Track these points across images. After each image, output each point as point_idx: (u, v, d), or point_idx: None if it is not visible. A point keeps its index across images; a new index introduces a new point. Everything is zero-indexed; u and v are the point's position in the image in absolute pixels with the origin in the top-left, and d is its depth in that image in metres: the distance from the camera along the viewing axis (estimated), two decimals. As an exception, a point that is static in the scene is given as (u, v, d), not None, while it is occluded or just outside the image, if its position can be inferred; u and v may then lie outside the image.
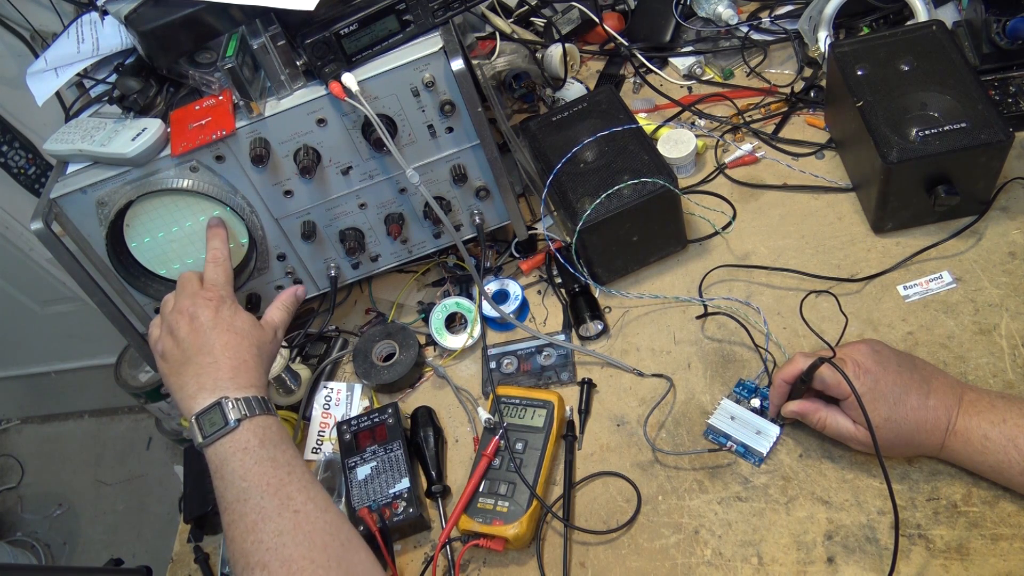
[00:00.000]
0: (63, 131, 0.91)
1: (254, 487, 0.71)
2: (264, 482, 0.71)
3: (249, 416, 0.75)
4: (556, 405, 0.89)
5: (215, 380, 0.76)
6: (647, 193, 0.91)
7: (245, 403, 0.75)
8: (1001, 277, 0.87)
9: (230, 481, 0.72)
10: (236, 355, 0.79)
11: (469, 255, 0.98)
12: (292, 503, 0.71)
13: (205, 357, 0.78)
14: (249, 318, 0.83)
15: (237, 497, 0.71)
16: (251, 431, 0.74)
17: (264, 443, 0.74)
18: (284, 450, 0.75)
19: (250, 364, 0.79)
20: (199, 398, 0.76)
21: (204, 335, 0.79)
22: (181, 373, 0.79)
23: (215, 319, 0.80)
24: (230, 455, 0.73)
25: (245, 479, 0.72)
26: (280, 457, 0.74)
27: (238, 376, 0.77)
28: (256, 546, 0.69)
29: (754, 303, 0.93)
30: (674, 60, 1.22)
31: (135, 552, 2.22)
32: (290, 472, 0.73)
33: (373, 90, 0.86)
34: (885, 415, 0.71)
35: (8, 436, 2.64)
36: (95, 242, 0.91)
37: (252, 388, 0.77)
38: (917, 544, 0.73)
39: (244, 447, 0.73)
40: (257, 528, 0.69)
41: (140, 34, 0.84)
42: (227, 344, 0.79)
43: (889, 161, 0.85)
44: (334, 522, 0.72)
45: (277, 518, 0.70)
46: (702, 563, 0.77)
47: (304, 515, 0.70)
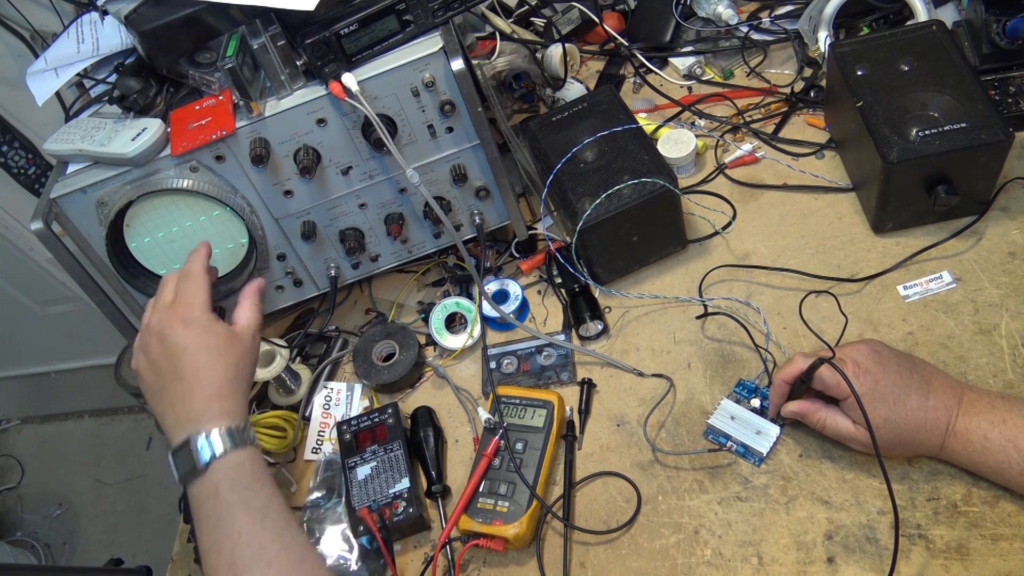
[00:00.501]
0: (63, 131, 0.91)
1: (225, 537, 0.68)
2: (235, 531, 0.67)
3: (220, 456, 0.70)
4: (556, 405, 0.89)
5: (187, 412, 0.73)
6: (647, 193, 0.91)
7: (217, 439, 0.71)
8: (1001, 277, 0.87)
9: (204, 527, 0.69)
10: (209, 380, 0.74)
11: (469, 255, 0.98)
12: (265, 553, 0.67)
13: (178, 385, 0.74)
14: (224, 332, 0.77)
15: (211, 546, 0.68)
16: (222, 473, 0.70)
17: (235, 486, 0.69)
18: (258, 491, 0.70)
19: (224, 389, 0.74)
20: (175, 432, 0.73)
21: (175, 359, 0.74)
22: (159, 401, 0.76)
23: (185, 339, 0.75)
24: (203, 499, 0.70)
25: (217, 526, 0.68)
26: (253, 501, 0.69)
27: (211, 405, 0.73)
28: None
29: (754, 303, 0.93)
30: (674, 60, 1.22)
31: (135, 552, 2.22)
32: (263, 518, 0.69)
33: (373, 90, 0.86)
34: (885, 415, 0.71)
35: (8, 436, 2.64)
36: (95, 242, 0.91)
37: (226, 417, 0.72)
38: (917, 544, 0.73)
39: (215, 491, 0.69)
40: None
41: (140, 34, 0.84)
42: (199, 368, 0.74)
43: (889, 161, 0.85)
44: (310, 570, 0.68)
45: (250, 571, 0.66)
46: (702, 563, 0.77)
47: (277, 568, 0.66)
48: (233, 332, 0.79)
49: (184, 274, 0.80)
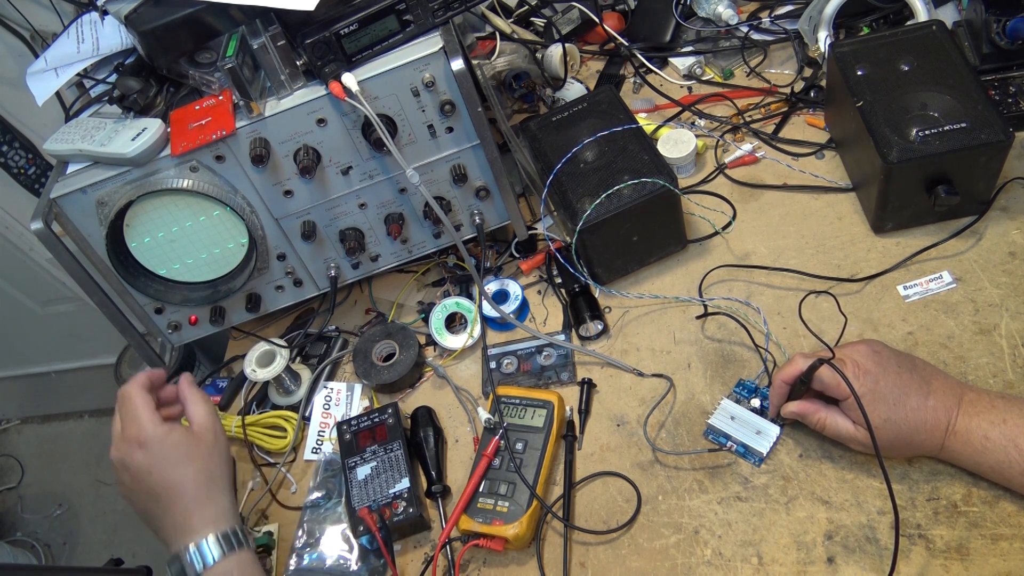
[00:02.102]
0: (63, 131, 0.91)
1: None
2: None
3: (211, 566, 0.71)
4: (556, 405, 0.89)
5: (174, 526, 0.73)
6: (647, 193, 0.91)
7: (207, 548, 0.71)
8: (1001, 277, 0.87)
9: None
10: (183, 492, 0.73)
11: (469, 255, 0.98)
12: None
13: (155, 505, 0.74)
14: (182, 439, 0.76)
15: None
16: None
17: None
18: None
19: (201, 495, 0.74)
20: (170, 545, 0.74)
21: (145, 481, 0.74)
22: (148, 521, 0.76)
23: (146, 461, 0.74)
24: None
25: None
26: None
27: (193, 516, 0.73)
28: None
29: (754, 303, 0.93)
30: (674, 60, 1.22)
31: (135, 552, 2.22)
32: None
33: (373, 90, 0.86)
34: (885, 416, 0.71)
35: (8, 436, 2.64)
36: (95, 242, 0.91)
37: (210, 525, 0.73)
38: (917, 544, 0.73)
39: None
40: None
41: (140, 34, 0.84)
42: (169, 483, 0.73)
43: (889, 161, 0.85)
44: None
45: None
46: (702, 563, 0.77)
47: None
48: (192, 433, 0.77)
49: (121, 400, 0.78)
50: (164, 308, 0.99)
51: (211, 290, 0.98)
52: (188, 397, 0.81)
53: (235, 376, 1.09)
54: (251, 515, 0.95)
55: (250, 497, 0.97)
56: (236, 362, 1.11)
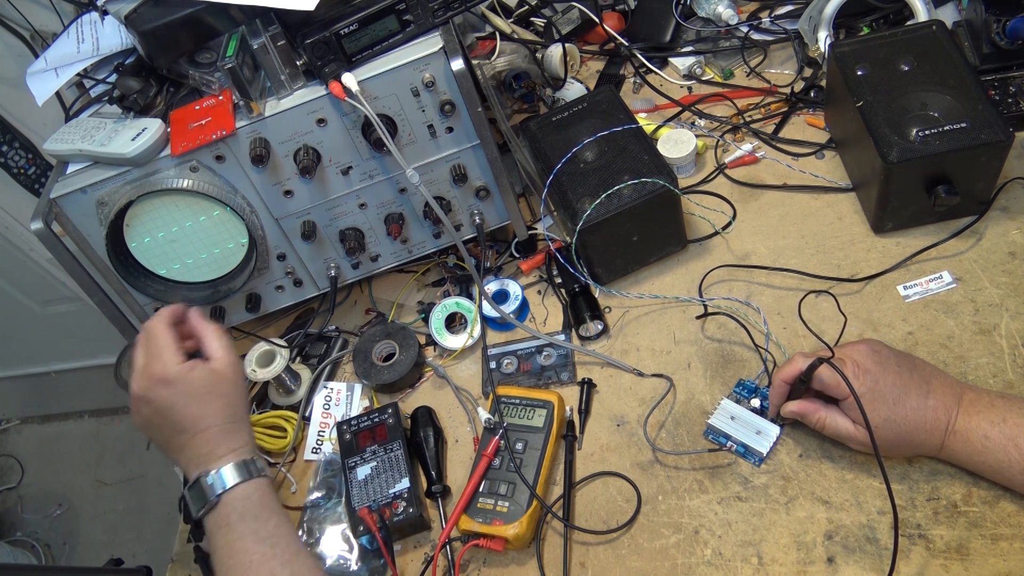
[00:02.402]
0: (63, 131, 0.91)
1: (237, 566, 0.70)
2: (247, 560, 0.70)
3: (229, 488, 0.73)
4: (556, 405, 0.89)
5: (196, 455, 0.75)
6: (647, 193, 0.91)
7: (227, 473, 0.73)
8: (1001, 277, 0.87)
9: (218, 557, 0.72)
10: (208, 425, 0.76)
11: (469, 255, 0.98)
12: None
13: (179, 436, 0.76)
14: (206, 375, 0.77)
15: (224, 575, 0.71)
16: (231, 505, 0.72)
17: (244, 516, 0.72)
18: (266, 520, 0.73)
19: (224, 427, 0.76)
20: (188, 471, 0.76)
21: (168, 416, 0.76)
22: (168, 451, 0.78)
23: (170, 398, 0.75)
24: (215, 531, 0.73)
25: (230, 556, 0.71)
26: (262, 530, 0.72)
27: (216, 447, 0.75)
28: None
29: (754, 303, 0.93)
30: (674, 60, 1.22)
31: (135, 552, 2.22)
32: (273, 545, 0.71)
33: (373, 90, 0.86)
34: (884, 415, 0.71)
35: (8, 436, 2.64)
36: (95, 242, 0.91)
37: (232, 453, 0.75)
38: (917, 544, 0.73)
39: (226, 523, 0.72)
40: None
41: (140, 34, 0.84)
42: (194, 418, 0.76)
43: (889, 161, 0.85)
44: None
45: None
46: (702, 563, 0.77)
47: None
48: (214, 371, 0.78)
49: (145, 335, 0.79)
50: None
51: (211, 290, 0.98)
52: (204, 333, 0.82)
53: (235, 376, 1.09)
54: (251, 515, 0.95)
55: (250, 497, 0.97)
56: (236, 362, 1.11)
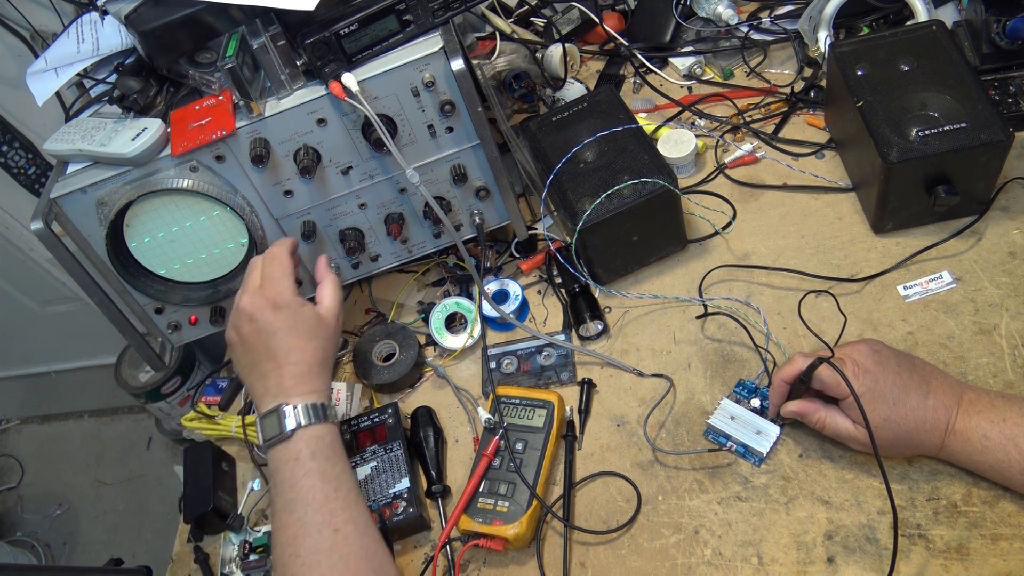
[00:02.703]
0: (63, 131, 0.91)
1: (300, 499, 0.73)
2: (310, 496, 0.73)
3: (304, 426, 0.76)
4: (556, 405, 0.89)
5: (278, 386, 0.78)
6: (647, 193, 0.91)
7: (303, 411, 0.76)
8: (1001, 277, 0.87)
9: (280, 489, 0.74)
10: (299, 361, 0.79)
11: (469, 255, 0.98)
12: (334, 521, 0.72)
13: (269, 363, 0.79)
14: (312, 315, 0.82)
15: (284, 506, 0.73)
16: (304, 441, 0.75)
17: (315, 455, 0.75)
18: (334, 463, 0.76)
19: (314, 370, 0.80)
20: (264, 401, 0.78)
21: (266, 339, 0.79)
22: (249, 374, 0.81)
23: (276, 323, 0.79)
24: (282, 463, 0.75)
25: (293, 489, 0.73)
26: (329, 471, 0.75)
27: (300, 383, 0.78)
28: (292, 559, 0.70)
29: (754, 303, 0.93)
30: (674, 60, 1.22)
31: (135, 552, 2.22)
32: (337, 488, 0.74)
33: (373, 90, 0.86)
34: (884, 415, 0.71)
35: (8, 436, 2.64)
36: (95, 242, 0.91)
37: (313, 395, 0.78)
38: (917, 544, 0.73)
39: (296, 457, 0.75)
40: (297, 541, 0.71)
41: (140, 34, 0.84)
42: (290, 349, 0.79)
43: (889, 161, 0.85)
44: (370, 547, 0.73)
45: (316, 535, 0.71)
46: (702, 563, 0.77)
47: (343, 536, 0.71)
48: (320, 315, 0.83)
49: (270, 258, 0.84)
50: (164, 308, 0.99)
51: (211, 290, 0.98)
52: (324, 278, 0.88)
53: (235, 376, 1.09)
54: (251, 515, 0.95)
55: (250, 497, 0.97)
56: (236, 362, 1.11)
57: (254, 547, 0.91)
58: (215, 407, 1.04)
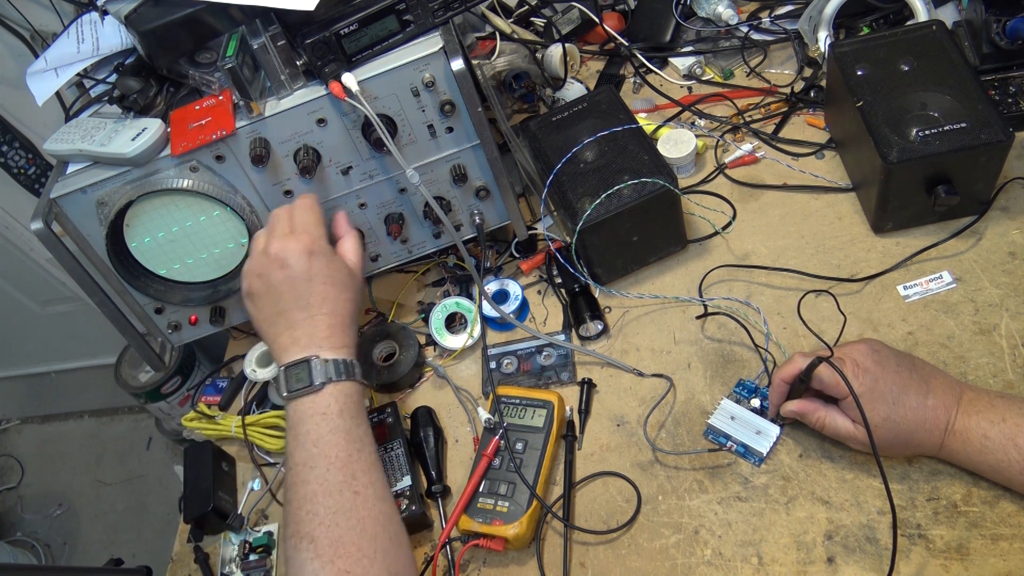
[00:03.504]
0: (63, 131, 0.91)
1: (322, 456, 0.71)
2: (333, 454, 0.71)
3: (335, 380, 0.74)
4: (556, 405, 0.89)
5: (309, 337, 0.76)
6: (647, 193, 0.91)
7: (334, 366, 0.75)
8: (1001, 277, 0.87)
9: (302, 442, 0.72)
10: (334, 311, 0.77)
11: (469, 255, 0.98)
12: (355, 483, 0.71)
13: (300, 312, 0.77)
14: (344, 266, 0.80)
15: (304, 461, 0.72)
16: (333, 396, 0.74)
17: (343, 412, 0.74)
18: (359, 423, 0.75)
19: (346, 322, 0.78)
20: (290, 351, 0.76)
21: (299, 286, 0.76)
22: (274, 323, 0.78)
23: (312, 269, 0.77)
24: (307, 416, 0.73)
25: (316, 445, 0.72)
26: (355, 431, 0.74)
27: (333, 336, 0.76)
28: (310, 517, 0.69)
29: (754, 303, 0.93)
30: (674, 60, 1.22)
31: (135, 552, 2.22)
32: (360, 449, 0.73)
33: (373, 90, 0.86)
34: (884, 415, 0.71)
35: (8, 436, 2.64)
36: (95, 242, 0.91)
37: (344, 349, 0.77)
38: (917, 544, 0.73)
39: (323, 412, 0.73)
40: (316, 499, 0.70)
41: (140, 34, 0.84)
42: (325, 298, 0.77)
43: (889, 161, 0.85)
44: (387, 513, 0.72)
45: (337, 495, 0.70)
46: (702, 563, 0.78)
47: (363, 499, 0.70)
48: (351, 269, 0.81)
49: (302, 207, 0.82)
50: (164, 308, 0.99)
51: (211, 290, 0.98)
52: (346, 233, 0.85)
53: (235, 376, 1.09)
54: (251, 515, 0.95)
55: (250, 497, 0.97)
56: (236, 362, 1.11)
57: (254, 547, 0.91)
58: (215, 407, 1.05)
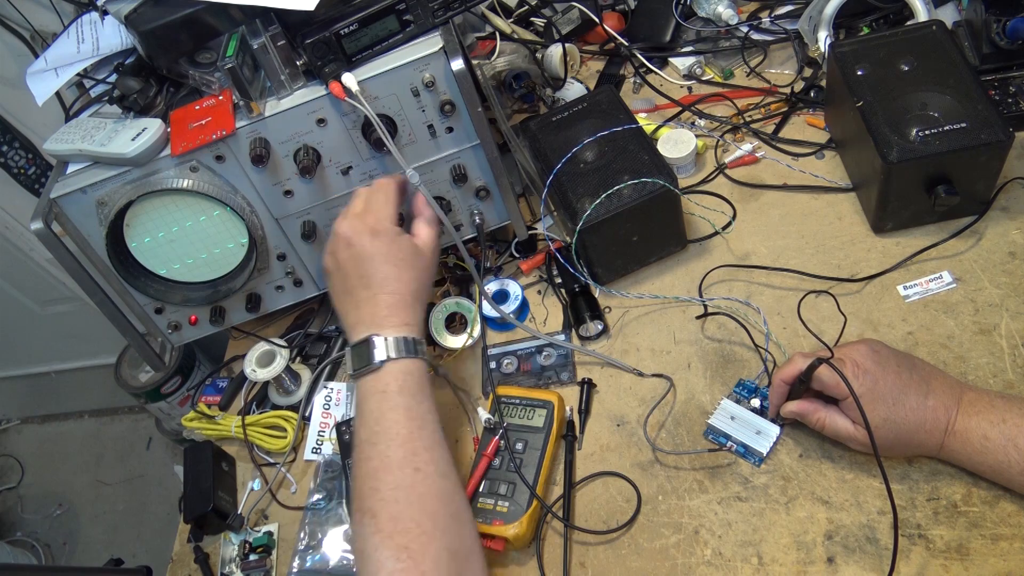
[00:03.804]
0: (63, 131, 0.91)
1: (384, 433, 0.72)
2: (394, 431, 0.72)
3: (394, 359, 0.75)
4: (556, 405, 0.89)
5: (372, 315, 0.77)
6: (647, 193, 0.91)
7: (394, 344, 0.76)
8: (1001, 277, 0.87)
9: (365, 420, 0.74)
10: (395, 291, 0.78)
11: (469, 255, 0.98)
12: (415, 459, 0.71)
13: (364, 291, 0.79)
14: (410, 246, 0.81)
15: (368, 438, 0.73)
16: (392, 375, 0.75)
17: (403, 390, 0.75)
18: (421, 401, 0.76)
19: (407, 301, 0.79)
20: (356, 330, 0.78)
21: (362, 265, 0.79)
22: (344, 302, 0.81)
23: (373, 248, 0.79)
24: (369, 394, 0.75)
25: (378, 423, 0.73)
26: (415, 408, 0.75)
27: (394, 314, 0.78)
28: (372, 493, 0.70)
29: (754, 303, 0.93)
30: (674, 60, 1.22)
31: (135, 552, 2.22)
32: (421, 426, 0.74)
33: (373, 90, 0.86)
34: (884, 415, 0.71)
35: (8, 436, 2.64)
36: (95, 242, 0.91)
37: (406, 327, 0.78)
38: (917, 544, 0.73)
39: (383, 390, 0.74)
40: (377, 476, 0.71)
41: (140, 34, 0.84)
42: (386, 278, 0.78)
43: (889, 161, 0.85)
44: (449, 490, 0.72)
45: (398, 471, 0.71)
46: (702, 563, 0.77)
47: (423, 475, 0.71)
48: (417, 247, 0.83)
49: (376, 187, 0.84)
50: (164, 308, 0.99)
51: (211, 290, 0.98)
52: (423, 211, 0.87)
53: (235, 376, 1.09)
54: (251, 515, 0.95)
55: (250, 497, 0.97)
56: (236, 362, 1.11)
57: (254, 547, 0.91)
58: (215, 407, 1.05)
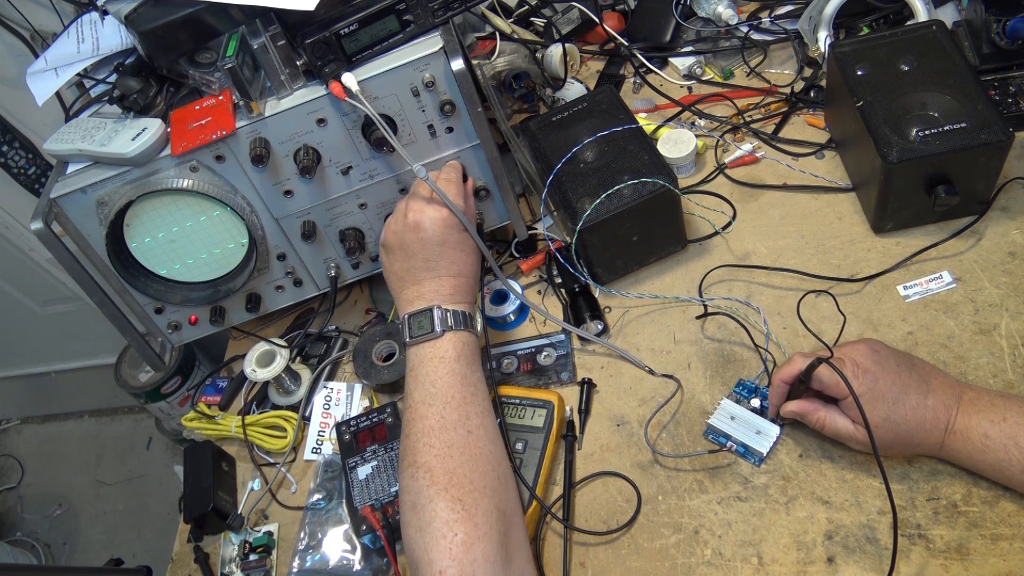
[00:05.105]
0: (63, 131, 0.91)
1: (440, 395, 0.78)
2: (450, 394, 0.78)
3: (454, 329, 0.81)
4: (556, 405, 0.89)
5: (435, 292, 0.83)
6: (647, 193, 0.91)
7: (453, 316, 0.81)
8: (1001, 277, 0.87)
9: (421, 383, 0.79)
10: (461, 272, 0.84)
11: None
12: (468, 423, 0.77)
13: (429, 272, 0.83)
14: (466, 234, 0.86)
15: (423, 399, 0.78)
16: (452, 343, 0.80)
17: (459, 358, 0.80)
18: (474, 370, 0.81)
19: (471, 282, 0.86)
20: (415, 302, 0.83)
21: (429, 250, 0.83)
22: (403, 278, 0.85)
23: (443, 234, 0.82)
24: (427, 359, 0.80)
25: (435, 385, 0.78)
26: (470, 376, 0.80)
27: (457, 293, 0.83)
28: (427, 449, 0.75)
29: (754, 303, 0.93)
30: (674, 60, 1.22)
31: (135, 552, 2.22)
32: (474, 393, 0.79)
33: (373, 90, 0.86)
34: (884, 415, 0.71)
35: (8, 436, 2.64)
36: (95, 242, 0.91)
37: (464, 304, 0.84)
38: (917, 544, 0.73)
39: (441, 356, 0.79)
40: (432, 433, 0.75)
41: (140, 34, 0.84)
42: (453, 262, 0.83)
43: (889, 161, 0.85)
44: (497, 455, 0.77)
45: (452, 431, 0.76)
46: (702, 563, 0.77)
47: (475, 438, 0.76)
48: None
49: (443, 178, 0.88)
50: (164, 308, 0.99)
51: (211, 290, 0.98)
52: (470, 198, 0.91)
53: (235, 376, 1.09)
54: (251, 515, 0.95)
55: (250, 497, 0.97)
56: (236, 362, 1.11)
57: (254, 547, 0.91)
58: (215, 407, 1.05)
